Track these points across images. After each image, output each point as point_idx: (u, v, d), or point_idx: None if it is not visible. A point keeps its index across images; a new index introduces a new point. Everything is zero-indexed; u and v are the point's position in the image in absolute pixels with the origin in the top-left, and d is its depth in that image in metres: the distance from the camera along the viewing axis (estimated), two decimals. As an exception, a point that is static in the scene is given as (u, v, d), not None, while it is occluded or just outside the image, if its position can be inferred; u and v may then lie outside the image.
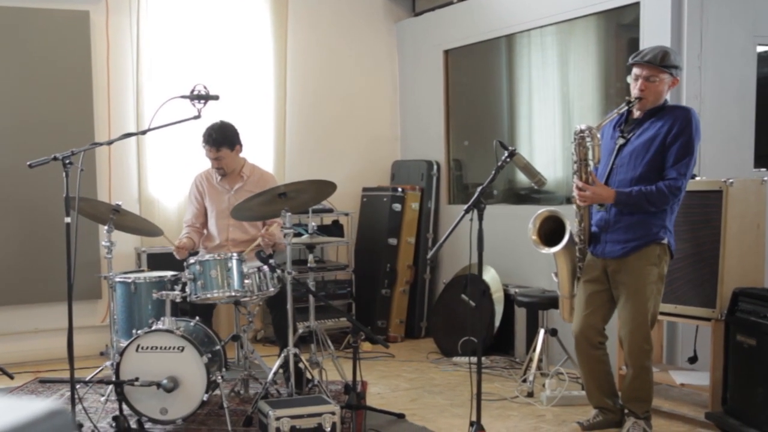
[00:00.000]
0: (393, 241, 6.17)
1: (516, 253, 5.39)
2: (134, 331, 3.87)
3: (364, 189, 6.54)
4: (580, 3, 5.06)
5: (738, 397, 3.69)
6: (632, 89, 3.61)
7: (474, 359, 3.48)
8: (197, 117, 3.78)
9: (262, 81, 6.17)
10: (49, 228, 5.33)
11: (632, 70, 3.62)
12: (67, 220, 3.46)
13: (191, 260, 4.00)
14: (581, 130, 3.56)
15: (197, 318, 4.06)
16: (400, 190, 6.21)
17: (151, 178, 5.84)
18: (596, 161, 3.57)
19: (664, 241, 3.59)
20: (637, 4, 4.65)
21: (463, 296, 5.51)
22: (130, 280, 4.05)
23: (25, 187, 5.35)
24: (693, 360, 4.20)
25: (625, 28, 5.03)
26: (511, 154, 3.44)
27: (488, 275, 5.47)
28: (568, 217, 3.84)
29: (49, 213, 5.26)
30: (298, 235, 4.79)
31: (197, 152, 4.84)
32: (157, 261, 5.38)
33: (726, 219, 3.82)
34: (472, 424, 3.43)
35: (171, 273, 4.19)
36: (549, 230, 3.90)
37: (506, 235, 5.29)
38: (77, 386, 3.64)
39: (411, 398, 4.52)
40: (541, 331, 4.65)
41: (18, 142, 5.39)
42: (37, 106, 5.49)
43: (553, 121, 5.52)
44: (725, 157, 4.52)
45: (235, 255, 4.02)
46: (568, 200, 5.00)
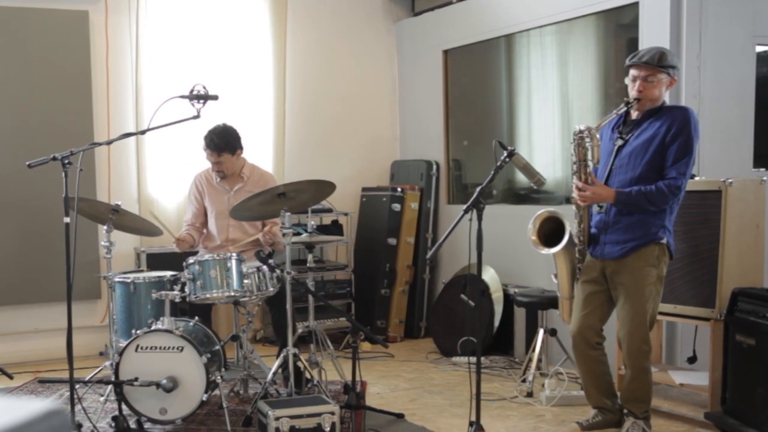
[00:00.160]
0: (392, 241, 6.17)
1: (515, 253, 5.39)
2: (133, 331, 3.87)
3: (364, 189, 6.54)
4: (579, 3, 5.06)
5: (737, 397, 3.69)
6: (630, 90, 3.61)
7: (473, 359, 3.48)
8: (196, 117, 3.78)
9: (262, 81, 6.17)
10: (48, 228, 5.33)
11: (629, 72, 3.62)
12: (67, 220, 3.46)
13: (190, 260, 4.00)
14: (580, 131, 3.56)
15: (196, 318, 4.06)
16: (399, 190, 6.20)
17: (150, 178, 5.84)
18: (595, 161, 3.57)
19: (663, 241, 3.59)
20: (636, 4, 4.65)
21: (462, 296, 5.51)
22: (129, 280, 4.06)
23: (25, 187, 5.35)
24: (692, 360, 4.20)
25: (624, 28, 5.03)
26: (510, 154, 3.44)
27: (487, 275, 5.47)
28: (568, 218, 3.84)
29: (48, 213, 5.26)
30: (297, 234, 4.79)
31: (196, 152, 4.84)
32: (157, 261, 5.39)
33: (725, 219, 3.82)
34: (471, 424, 3.43)
35: (170, 273, 4.19)
36: (549, 231, 3.90)
37: (505, 235, 5.30)
38: (76, 386, 3.64)
39: (410, 398, 4.52)
40: (541, 331, 4.65)
41: (17, 142, 5.39)
42: (37, 106, 5.49)
43: (552, 121, 5.52)
44: (724, 157, 4.52)
45: (234, 255, 4.02)
46: (567, 200, 5.00)
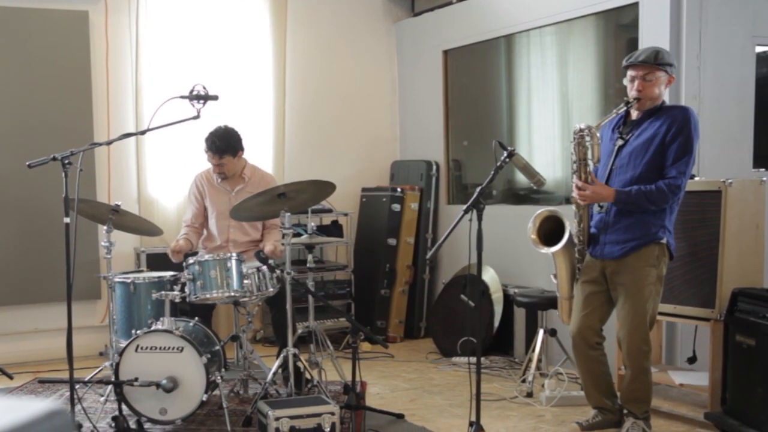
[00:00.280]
0: (392, 241, 6.17)
1: (515, 253, 5.39)
2: (133, 331, 3.86)
3: (364, 189, 6.54)
4: (579, 3, 5.07)
5: (737, 397, 3.69)
6: (629, 91, 3.61)
7: (473, 359, 3.48)
8: (196, 117, 3.78)
9: (262, 81, 6.17)
10: (48, 228, 5.33)
11: (627, 73, 3.62)
12: (67, 220, 3.46)
13: (190, 260, 4.00)
14: (581, 129, 3.56)
15: (196, 318, 4.06)
16: (399, 190, 6.20)
17: (150, 178, 5.84)
18: (596, 160, 3.57)
19: (663, 241, 3.58)
20: (636, 4, 4.66)
21: (462, 296, 5.51)
22: (129, 281, 4.05)
23: (25, 188, 5.35)
24: (692, 360, 4.20)
25: (624, 29, 5.03)
26: (510, 155, 3.44)
27: (487, 275, 5.47)
28: (568, 218, 3.84)
29: (48, 213, 5.26)
30: (297, 235, 4.79)
31: (196, 152, 4.84)
32: (157, 261, 5.38)
33: (725, 219, 3.82)
34: (471, 425, 3.43)
35: (170, 273, 4.19)
36: (549, 230, 3.90)
37: (505, 236, 5.30)
38: (76, 386, 3.64)
39: (410, 398, 4.52)
40: (541, 332, 4.65)
41: (17, 142, 5.39)
42: (36, 107, 5.49)
43: (552, 122, 5.52)
44: (724, 158, 4.52)
45: (234, 255, 4.02)
46: (567, 200, 5.00)
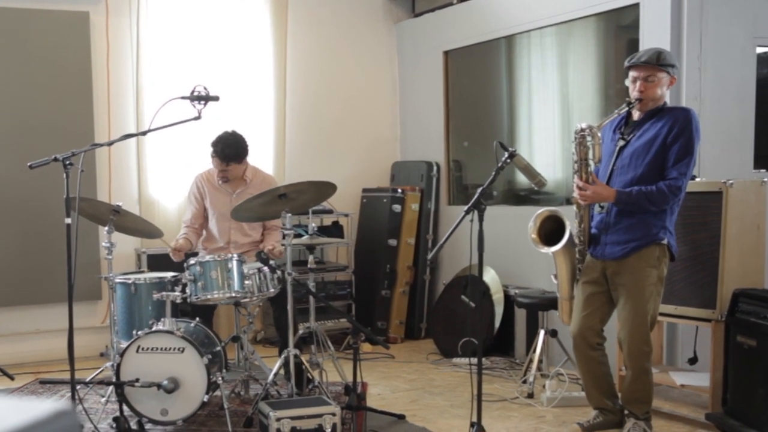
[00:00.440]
0: (393, 242, 6.17)
1: (516, 254, 5.39)
2: (134, 332, 3.87)
3: (364, 190, 6.54)
4: (579, 4, 5.07)
5: (738, 398, 3.69)
6: (631, 92, 3.61)
7: (474, 360, 3.48)
8: (197, 118, 3.78)
9: (262, 82, 6.17)
10: (49, 229, 5.33)
11: (629, 74, 3.62)
12: (68, 220, 3.46)
13: (191, 261, 4.00)
14: (582, 129, 3.55)
15: (197, 319, 4.06)
16: (399, 191, 6.21)
17: (151, 179, 5.84)
18: (597, 160, 3.56)
19: (664, 242, 3.58)
20: (636, 5, 4.66)
21: (463, 297, 5.51)
22: (130, 281, 4.06)
23: (26, 188, 5.35)
24: (693, 361, 4.20)
25: (624, 29, 5.03)
26: (512, 155, 3.44)
27: (488, 276, 5.47)
28: (568, 219, 3.84)
29: (49, 214, 5.26)
30: (298, 236, 4.79)
31: (197, 153, 4.84)
32: (157, 262, 5.38)
33: (726, 220, 3.82)
34: (472, 425, 3.43)
35: (171, 274, 4.19)
36: (549, 231, 3.90)
37: (506, 236, 5.29)
38: (77, 387, 3.65)
39: (411, 399, 4.52)
40: (541, 332, 4.65)
41: (18, 143, 5.39)
42: (38, 107, 5.49)
43: (552, 122, 5.52)
44: (725, 158, 4.52)
45: (235, 256, 4.03)
46: (567, 201, 5.00)
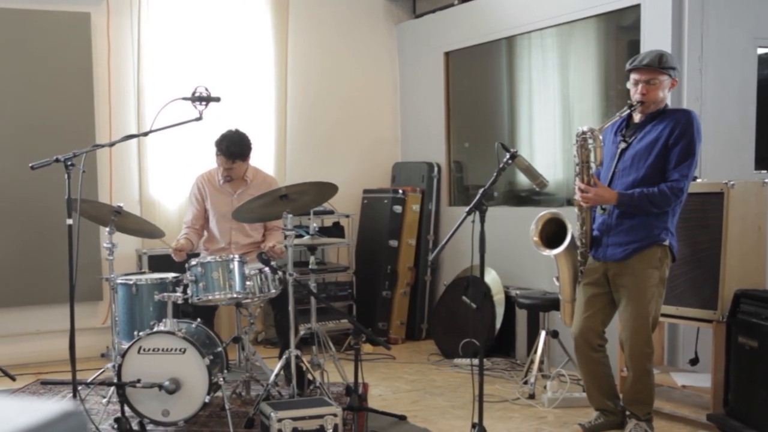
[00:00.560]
0: (394, 242, 6.17)
1: (517, 254, 5.39)
2: (136, 332, 3.87)
3: (365, 191, 6.54)
4: (580, 5, 5.07)
5: (740, 398, 3.69)
6: (632, 94, 3.61)
7: (475, 361, 3.48)
8: (199, 119, 3.79)
9: (263, 83, 6.17)
10: (50, 230, 5.33)
11: (630, 76, 3.62)
12: (69, 221, 3.46)
13: (193, 262, 4.00)
14: (583, 132, 3.56)
15: (199, 320, 4.06)
16: (400, 191, 6.21)
17: (152, 179, 5.84)
18: (598, 163, 3.57)
19: (666, 243, 3.59)
20: (637, 6, 4.66)
21: (464, 298, 5.50)
22: (131, 282, 4.05)
23: (27, 189, 5.35)
24: (694, 362, 4.20)
25: (625, 31, 5.04)
26: (513, 156, 3.44)
27: (489, 277, 5.46)
28: (570, 220, 3.84)
29: (50, 215, 5.26)
30: (299, 236, 4.79)
31: (198, 154, 4.84)
32: (159, 263, 5.39)
33: (727, 221, 3.82)
34: (473, 426, 3.43)
35: (172, 275, 4.18)
36: (551, 233, 3.90)
37: (507, 237, 5.30)
38: (79, 388, 3.65)
39: (412, 400, 4.52)
40: (542, 333, 4.65)
41: (19, 143, 5.39)
42: (39, 108, 5.50)
43: (553, 124, 5.53)
44: (726, 160, 4.52)
45: (236, 257, 4.03)
46: (568, 202, 5.00)
